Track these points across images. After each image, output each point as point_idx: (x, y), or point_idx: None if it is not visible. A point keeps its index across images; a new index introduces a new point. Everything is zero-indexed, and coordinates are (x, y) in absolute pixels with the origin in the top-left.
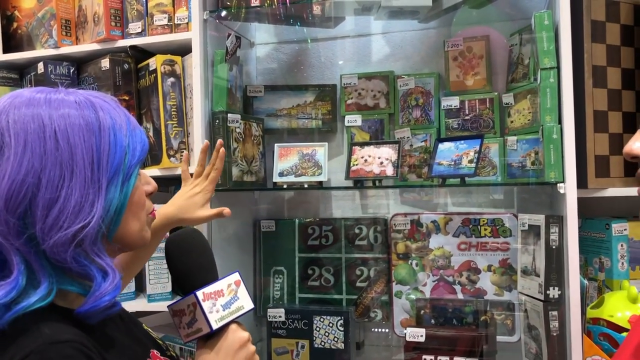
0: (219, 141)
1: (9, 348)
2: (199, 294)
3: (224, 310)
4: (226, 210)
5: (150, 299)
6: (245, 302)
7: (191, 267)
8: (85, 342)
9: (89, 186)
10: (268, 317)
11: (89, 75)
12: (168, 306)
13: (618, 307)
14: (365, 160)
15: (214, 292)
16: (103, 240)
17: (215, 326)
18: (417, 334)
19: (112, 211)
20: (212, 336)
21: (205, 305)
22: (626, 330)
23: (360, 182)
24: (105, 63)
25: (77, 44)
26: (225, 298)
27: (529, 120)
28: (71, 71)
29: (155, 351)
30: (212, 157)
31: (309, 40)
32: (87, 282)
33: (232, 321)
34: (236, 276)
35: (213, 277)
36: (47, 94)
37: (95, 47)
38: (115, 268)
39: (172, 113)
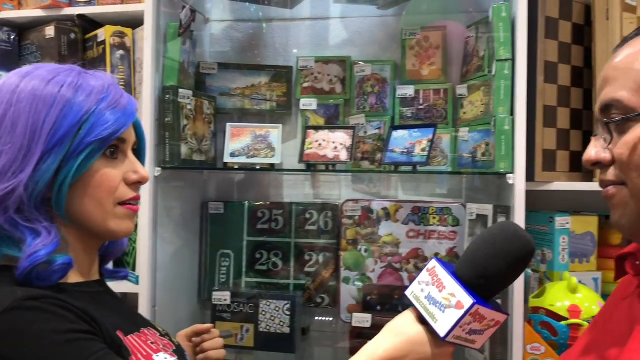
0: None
1: None
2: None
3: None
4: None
5: None
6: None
7: (509, 275)
8: (61, 297)
9: (21, 154)
10: (213, 300)
11: (31, 43)
12: (475, 303)
13: (558, 297)
14: (320, 145)
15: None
16: (47, 208)
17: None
18: (363, 320)
19: (42, 182)
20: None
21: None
22: (565, 319)
23: (313, 166)
24: (50, 31)
25: (19, 9)
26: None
27: (481, 112)
28: (12, 38)
29: (149, 329)
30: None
31: (265, 21)
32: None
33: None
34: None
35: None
36: (36, 69)
37: (39, 13)
38: (52, 230)
39: (121, 87)
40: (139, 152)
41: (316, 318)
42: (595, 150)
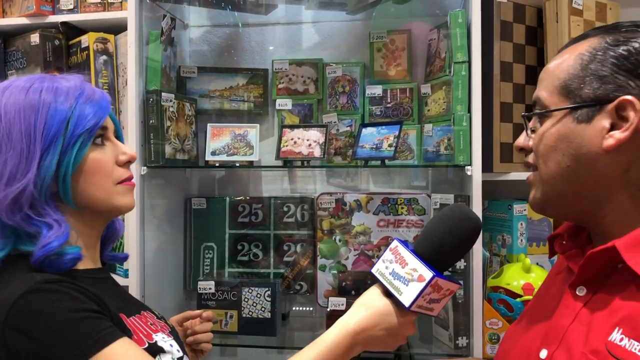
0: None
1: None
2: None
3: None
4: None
5: None
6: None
7: (461, 250)
8: (74, 281)
9: (23, 156)
10: (198, 289)
11: (16, 49)
12: (434, 276)
13: (514, 277)
14: (295, 142)
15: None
16: (56, 202)
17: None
18: (338, 303)
19: (48, 176)
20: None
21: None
22: (520, 296)
23: (289, 162)
24: (35, 38)
25: (3, 17)
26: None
27: (443, 109)
28: None
29: (147, 312)
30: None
31: (241, 25)
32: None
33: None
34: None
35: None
36: (12, 83)
37: (23, 21)
38: (62, 223)
39: (104, 90)
40: (118, 138)
41: (295, 304)
42: (523, 138)
